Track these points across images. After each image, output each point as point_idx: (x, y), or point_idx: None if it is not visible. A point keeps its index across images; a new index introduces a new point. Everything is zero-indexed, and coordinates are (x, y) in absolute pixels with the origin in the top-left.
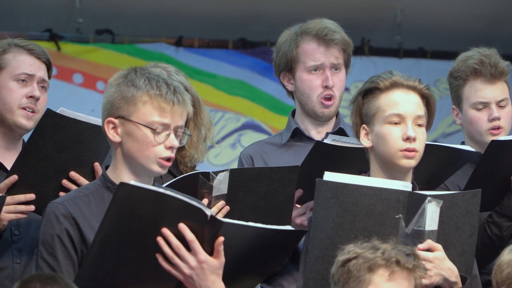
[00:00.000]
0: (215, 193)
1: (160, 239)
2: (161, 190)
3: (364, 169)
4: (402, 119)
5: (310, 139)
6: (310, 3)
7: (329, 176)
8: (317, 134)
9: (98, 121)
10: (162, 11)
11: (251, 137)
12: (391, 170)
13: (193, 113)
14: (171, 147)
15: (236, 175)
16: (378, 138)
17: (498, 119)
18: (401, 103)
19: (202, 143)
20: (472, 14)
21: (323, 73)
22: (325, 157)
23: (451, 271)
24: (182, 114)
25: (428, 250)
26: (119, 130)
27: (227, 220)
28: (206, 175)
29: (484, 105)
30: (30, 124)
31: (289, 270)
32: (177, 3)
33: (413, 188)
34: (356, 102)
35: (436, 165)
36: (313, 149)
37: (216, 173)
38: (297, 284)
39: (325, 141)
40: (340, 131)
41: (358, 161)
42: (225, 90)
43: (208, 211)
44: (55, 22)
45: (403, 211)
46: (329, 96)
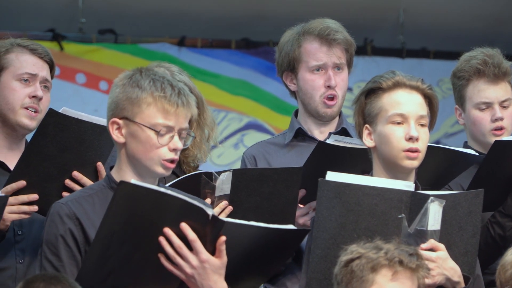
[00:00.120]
0: (218, 193)
1: (162, 239)
2: (162, 190)
3: (367, 170)
4: (405, 119)
5: (313, 139)
6: (313, 3)
7: (332, 176)
8: (320, 134)
9: (101, 121)
10: (165, 11)
11: (254, 137)
12: (394, 171)
13: (197, 114)
14: (175, 149)
15: (239, 176)
16: (381, 138)
17: (501, 120)
18: (404, 103)
19: (205, 143)
20: (475, 14)
21: (326, 73)
22: (328, 158)
23: (454, 271)
24: (186, 116)
25: (431, 250)
26: (124, 131)
27: (229, 220)
28: (209, 175)
29: (487, 105)
30: (33, 124)
31: (293, 270)
32: (180, 3)
33: (416, 188)
34: (359, 102)
35: (439, 168)
36: (316, 150)
37: (219, 173)
38: (300, 284)
39: (328, 142)
40: (343, 131)
41: (361, 162)
42: (228, 90)
43: (210, 211)
44: (58, 22)
45: (406, 211)
46: (332, 96)
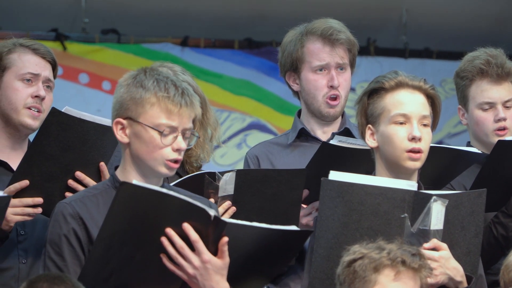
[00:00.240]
0: (221, 194)
1: (164, 239)
2: (164, 190)
3: (370, 171)
4: (408, 119)
5: (316, 140)
6: (316, 3)
7: (335, 176)
8: (323, 134)
9: (104, 121)
10: (168, 11)
11: (257, 137)
12: (396, 171)
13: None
14: (179, 150)
15: (243, 176)
16: (384, 138)
17: (504, 120)
18: (407, 103)
19: (208, 143)
20: (478, 14)
21: (329, 73)
22: (331, 158)
23: (457, 271)
24: (190, 116)
25: (434, 250)
26: (128, 131)
27: (231, 221)
28: (212, 175)
29: (490, 106)
30: (36, 124)
31: (296, 270)
32: (183, 3)
33: (419, 188)
34: (362, 102)
35: (442, 167)
36: (319, 150)
37: (222, 173)
38: (303, 284)
39: (331, 142)
40: (346, 131)
41: (364, 163)
42: (231, 90)
43: (212, 211)
44: (61, 22)
45: (409, 211)
46: (335, 96)
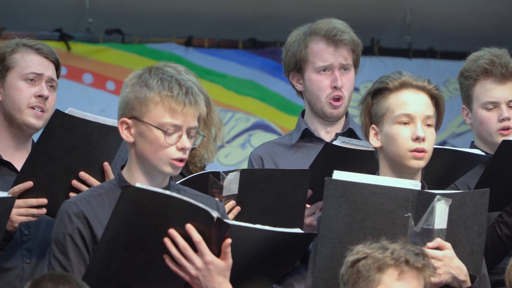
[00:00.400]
0: (226, 193)
1: (167, 240)
2: (167, 192)
3: (373, 172)
4: (411, 119)
5: (320, 140)
6: (320, 4)
7: (339, 175)
8: (326, 135)
9: (107, 121)
10: (172, 11)
11: (261, 137)
12: (400, 171)
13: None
14: (183, 149)
15: (247, 176)
16: (387, 138)
17: (508, 120)
18: (410, 103)
19: (212, 143)
20: (482, 14)
21: (332, 74)
22: (335, 159)
23: (460, 270)
24: (194, 115)
25: (437, 249)
26: (133, 131)
27: (234, 223)
28: (216, 175)
29: (494, 105)
30: (40, 123)
31: (299, 270)
32: (187, 3)
33: (422, 187)
34: (365, 102)
35: (445, 169)
36: (322, 151)
37: (227, 173)
38: (306, 283)
39: (335, 143)
40: (350, 132)
41: (367, 164)
42: (235, 90)
43: (214, 213)
44: (65, 22)
45: (412, 210)
46: (338, 97)
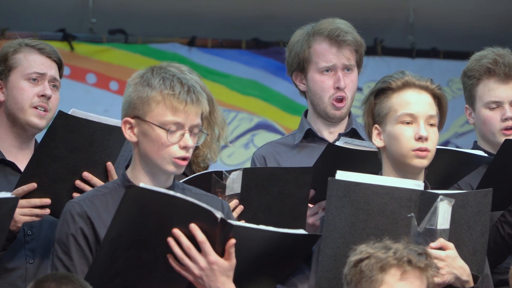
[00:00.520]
0: (228, 192)
1: (171, 240)
2: (171, 193)
3: (376, 172)
4: (414, 119)
5: (323, 140)
6: (323, 3)
7: (342, 175)
8: (329, 135)
9: (110, 121)
10: (175, 11)
11: (264, 137)
12: (403, 170)
13: (207, 112)
14: (186, 147)
15: (250, 174)
16: (390, 138)
17: (511, 119)
18: (413, 103)
19: (216, 143)
20: (485, 14)
21: (335, 74)
22: (337, 160)
23: (463, 270)
24: (197, 113)
25: (440, 249)
26: (136, 130)
27: (238, 223)
28: (219, 174)
29: (497, 105)
30: (43, 123)
31: (302, 270)
32: (190, 3)
33: (425, 187)
34: (368, 102)
35: (448, 169)
36: (325, 151)
37: (229, 172)
38: (309, 283)
39: (337, 144)
40: (352, 132)
41: (370, 164)
42: (238, 90)
43: (218, 214)
44: (69, 22)
45: (415, 210)
46: (341, 98)
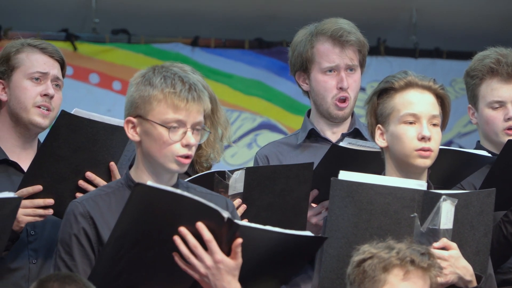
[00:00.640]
0: (231, 192)
1: (177, 238)
2: (178, 191)
3: (379, 172)
4: (417, 119)
5: (326, 140)
6: (326, 3)
7: (344, 175)
8: (332, 135)
9: (112, 121)
10: (178, 11)
11: (267, 137)
12: (406, 170)
13: (210, 112)
14: (188, 145)
15: (252, 173)
16: (393, 138)
17: None
18: (416, 103)
19: (219, 143)
20: (488, 14)
21: (338, 75)
22: (341, 160)
23: (466, 270)
24: (198, 111)
25: (443, 249)
26: (138, 130)
27: (245, 223)
28: (222, 174)
29: (500, 104)
30: (46, 122)
31: (305, 269)
32: (193, 3)
33: (428, 187)
34: (371, 102)
35: (452, 169)
36: (329, 152)
37: (232, 172)
38: (313, 283)
39: (341, 144)
40: (355, 132)
41: (373, 165)
42: (241, 90)
43: (225, 213)
44: (72, 22)
45: (418, 210)
46: (344, 98)
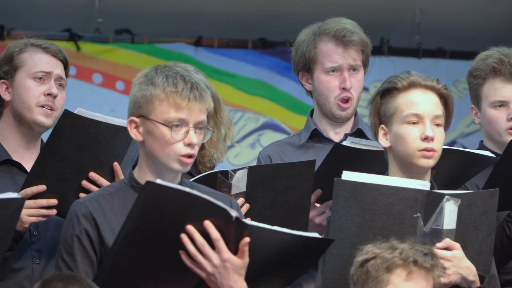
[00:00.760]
0: (234, 191)
1: (184, 236)
2: (187, 190)
3: (383, 172)
4: (420, 119)
5: (329, 140)
6: (330, 3)
7: (348, 176)
8: (335, 135)
9: (116, 121)
10: (182, 11)
11: (271, 137)
12: (409, 170)
13: (213, 112)
14: (190, 144)
15: (254, 172)
16: (396, 138)
17: None
18: (419, 103)
19: (222, 143)
20: (491, 14)
21: (341, 75)
22: (344, 159)
23: (469, 270)
24: (201, 110)
25: (446, 249)
26: (141, 129)
27: (253, 223)
28: (225, 173)
29: (503, 104)
30: (49, 122)
31: (309, 270)
32: (197, 3)
33: (432, 188)
34: (374, 102)
35: (455, 170)
36: (332, 151)
37: (235, 171)
38: (316, 284)
39: (344, 143)
40: (358, 132)
41: (377, 164)
42: (245, 90)
43: (233, 212)
44: (75, 22)
45: (422, 210)
46: (347, 98)
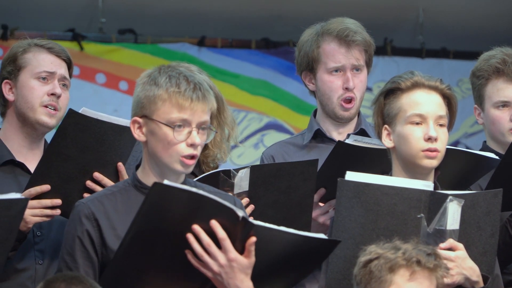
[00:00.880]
0: (237, 190)
1: (190, 236)
2: (194, 190)
3: (386, 170)
4: (424, 119)
5: (332, 141)
6: (333, 3)
7: (351, 176)
8: (338, 135)
9: (120, 121)
10: (185, 11)
11: (274, 137)
12: (413, 171)
13: (217, 112)
14: (193, 145)
15: (257, 171)
16: (400, 138)
17: None
18: (423, 103)
19: (225, 143)
20: (495, 14)
21: (344, 75)
22: (347, 158)
23: (473, 270)
24: (203, 110)
25: (450, 249)
26: (144, 130)
27: (259, 223)
28: (227, 173)
29: (506, 104)
30: (53, 122)
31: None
32: (200, 3)
33: (435, 188)
34: (378, 103)
35: (461, 172)
36: (335, 149)
37: (237, 170)
38: (319, 284)
39: (347, 141)
40: (361, 132)
41: (380, 162)
42: (248, 90)
43: (240, 212)
44: (78, 22)
45: (425, 211)
46: (350, 98)
